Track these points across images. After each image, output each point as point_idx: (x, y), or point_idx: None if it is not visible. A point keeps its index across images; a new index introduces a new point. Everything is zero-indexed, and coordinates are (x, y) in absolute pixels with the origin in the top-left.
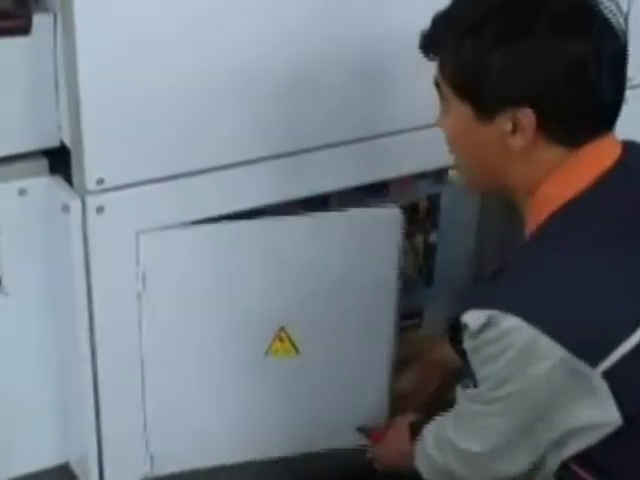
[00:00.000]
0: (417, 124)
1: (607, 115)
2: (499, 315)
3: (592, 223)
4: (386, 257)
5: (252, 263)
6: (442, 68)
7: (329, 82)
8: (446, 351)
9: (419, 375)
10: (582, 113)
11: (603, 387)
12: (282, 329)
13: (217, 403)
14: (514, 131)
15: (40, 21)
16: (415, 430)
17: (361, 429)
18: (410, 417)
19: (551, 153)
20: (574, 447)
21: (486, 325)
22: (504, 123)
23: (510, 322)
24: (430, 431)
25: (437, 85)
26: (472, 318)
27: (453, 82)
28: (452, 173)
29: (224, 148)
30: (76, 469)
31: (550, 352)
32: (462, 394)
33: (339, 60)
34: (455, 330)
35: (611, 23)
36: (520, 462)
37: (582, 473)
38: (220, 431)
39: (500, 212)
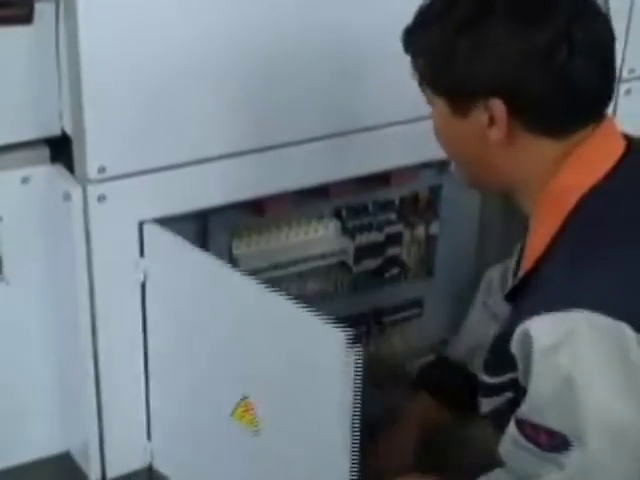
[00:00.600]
0: (418, 114)
1: (590, 102)
2: (587, 314)
3: (626, 208)
4: None
5: None
6: (415, 62)
7: (330, 71)
8: (424, 409)
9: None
10: (557, 102)
11: None
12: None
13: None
14: (491, 123)
15: (42, 10)
16: None
17: None
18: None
19: (537, 145)
20: None
21: (573, 327)
22: (479, 116)
23: (599, 321)
24: None
25: (419, 82)
26: (546, 323)
27: (424, 76)
28: (454, 165)
29: (227, 137)
30: (77, 458)
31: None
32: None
33: (339, 49)
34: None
35: (588, 4)
36: None
37: None
38: None
39: (502, 203)
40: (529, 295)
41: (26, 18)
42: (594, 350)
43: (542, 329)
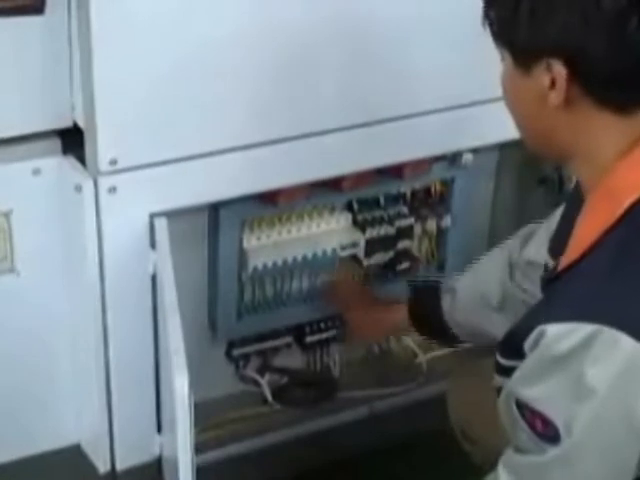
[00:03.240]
0: (432, 107)
1: None
2: (606, 330)
3: None
4: None
5: None
6: (486, 14)
7: (344, 63)
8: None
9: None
10: (620, 72)
11: None
12: None
13: None
14: (552, 86)
15: (54, 0)
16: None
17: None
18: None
19: (599, 118)
20: None
21: (589, 340)
22: (541, 76)
23: (619, 339)
24: None
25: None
26: (564, 330)
27: (493, 27)
28: (467, 157)
29: (238, 130)
30: (87, 450)
31: None
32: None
33: (355, 42)
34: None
35: None
36: None
37: None
38: None
39: (514, 197)
40: (558, 292)
41: (38, 8)
42: (610, 363)
43: (560, 335)
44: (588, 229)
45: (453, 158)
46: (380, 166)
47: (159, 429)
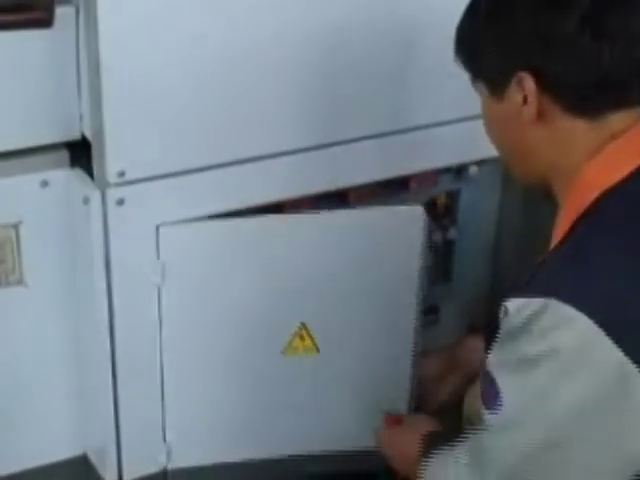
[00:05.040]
0: (438, 119)
1: (618, 86)
2: (555, 304)
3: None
4: (409, 255)
5: (273, 258)
6: (459, 56)
7: (350, 77)
8: (473, 349)
9: (443, 365)
10: (582, 81)
11: None
12: (303, 326)
13: (235, 394)
14: (524, 102)
15: (62, 13)
16: (426, 442)
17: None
18: (427, 421)
19: (570, 125)
20: None
21: (538, 313)
22: (514, 95)
23: (567, 312)
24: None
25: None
26: (519, 304)
27: (465, 62)
28: (473, 169)
29: (245, 142)
30: (94, 460)
31: (607, 354)
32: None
33: (360, 55)
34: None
35: None
36: None
37: None
38: (237, 425)
39: (520, 209)
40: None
41: (46, 22)
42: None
43: (515, 309)
44: (560, 229)
45: (459, 170)
46: (387, 178)
47: (166, 439)
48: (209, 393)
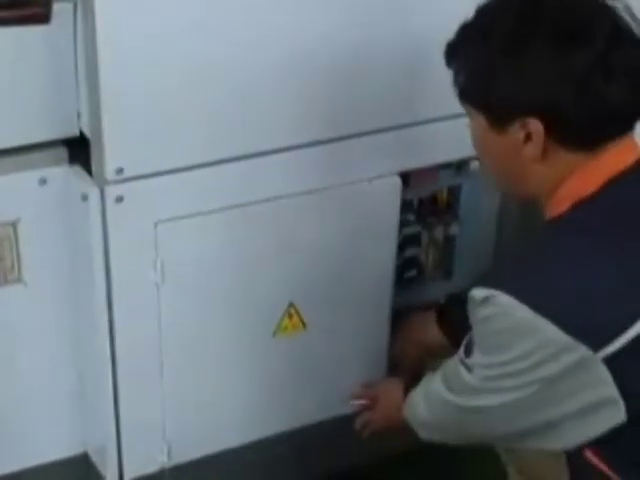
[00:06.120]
0: (439, 115)
1: (623, 120)
2: (497, 294)
3: (601, 220)
4: (386, 226)
5: (264, 246)
6: (456, 77)
7: (349, 74)
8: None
9: (399, 351)
10: (592, 122)
11: (601, 370)
12: (291, 305)
13: (231, 386)
14: (526, 140)
15: (60, 9)
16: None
17: (356, 397)
18: (399, 385)
19: (568, 158)
20: (580, 432)
21: (484, 301)
22: (516, 133)
23: (504, 300)
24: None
25: (459, 95)
26: (476, 293)
27: (464, 90)
28: (474, 165)
29: (243, 138)
30: (95, 459)
31: (552, 336)
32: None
33: (368, 53)
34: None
35: (625, 30)
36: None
37: (595, 460)
38: (233, 414)
39: (520, 205)
40: None
41: (44, 18)
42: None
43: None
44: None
45: (460, 166)
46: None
47: (166, 438)
48: (209, 390)
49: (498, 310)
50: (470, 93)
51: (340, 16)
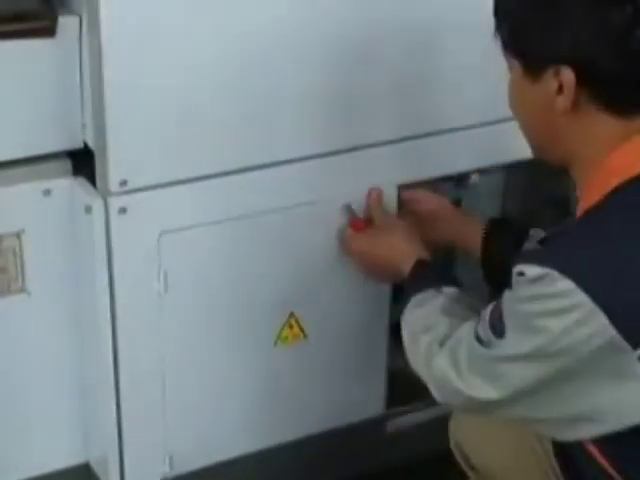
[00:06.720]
0: (439, 128)
1: None
2: (557, 275)
3: None
4: None
5: (265, 256)
6: (499, 24)
7: (350, 85)
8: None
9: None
10: (625, 80)
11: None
12: (292, 316)
13: (232, 396)
14: (559, 91)
15: (66, 23)
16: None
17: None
18: (403, 225)
19: (599, 120)
20: (594, 428)
21: (537, 279)
22: (549, 82)
23: (566, 285)
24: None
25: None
26: (529, 269)
27: (504, 38)
28: (473, 178)
29: (248, 150)
30: (97, 469)
31: (601, 329)
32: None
33: (374, 66)
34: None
35: None
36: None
37: (597, 455)
38: (235, 423)
39: (519, 216)
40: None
41: (49, 31)
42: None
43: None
44: (580, 208)
45: (460, 179)
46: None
47: (168, 448)
48: (210, 400)
49: (554, 291)
50: (509, 39)
51: (339, 29)
